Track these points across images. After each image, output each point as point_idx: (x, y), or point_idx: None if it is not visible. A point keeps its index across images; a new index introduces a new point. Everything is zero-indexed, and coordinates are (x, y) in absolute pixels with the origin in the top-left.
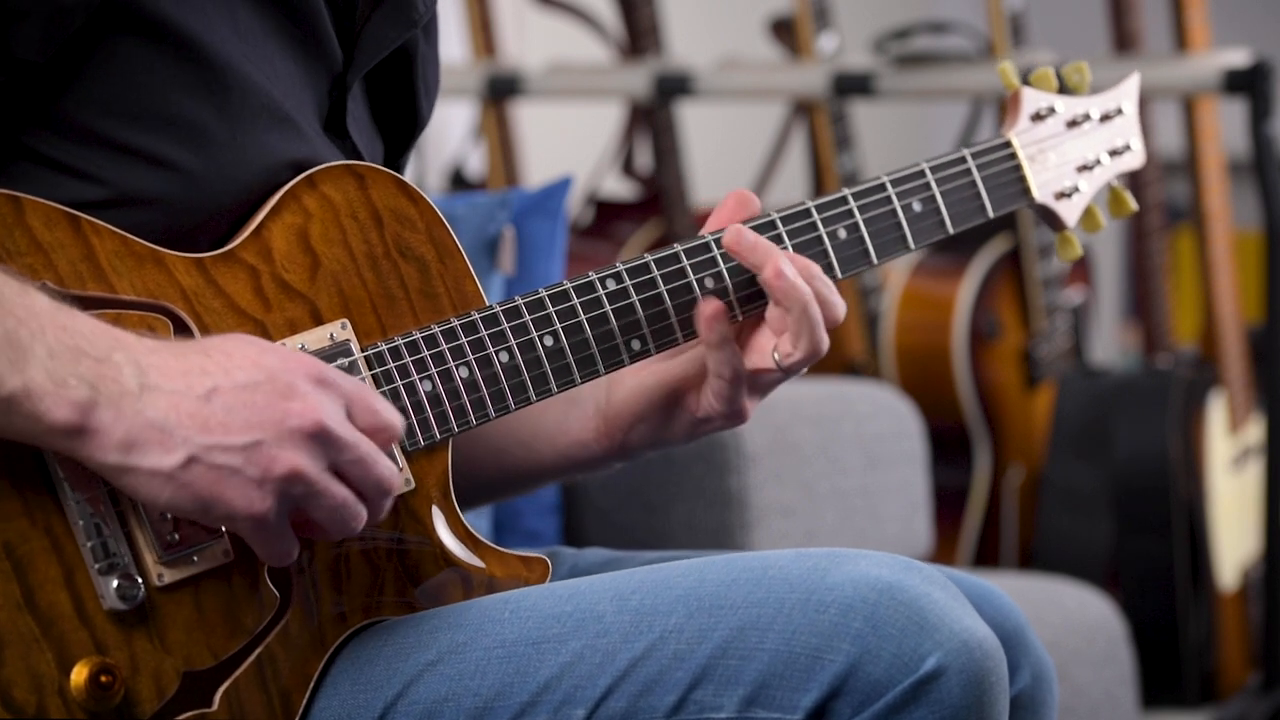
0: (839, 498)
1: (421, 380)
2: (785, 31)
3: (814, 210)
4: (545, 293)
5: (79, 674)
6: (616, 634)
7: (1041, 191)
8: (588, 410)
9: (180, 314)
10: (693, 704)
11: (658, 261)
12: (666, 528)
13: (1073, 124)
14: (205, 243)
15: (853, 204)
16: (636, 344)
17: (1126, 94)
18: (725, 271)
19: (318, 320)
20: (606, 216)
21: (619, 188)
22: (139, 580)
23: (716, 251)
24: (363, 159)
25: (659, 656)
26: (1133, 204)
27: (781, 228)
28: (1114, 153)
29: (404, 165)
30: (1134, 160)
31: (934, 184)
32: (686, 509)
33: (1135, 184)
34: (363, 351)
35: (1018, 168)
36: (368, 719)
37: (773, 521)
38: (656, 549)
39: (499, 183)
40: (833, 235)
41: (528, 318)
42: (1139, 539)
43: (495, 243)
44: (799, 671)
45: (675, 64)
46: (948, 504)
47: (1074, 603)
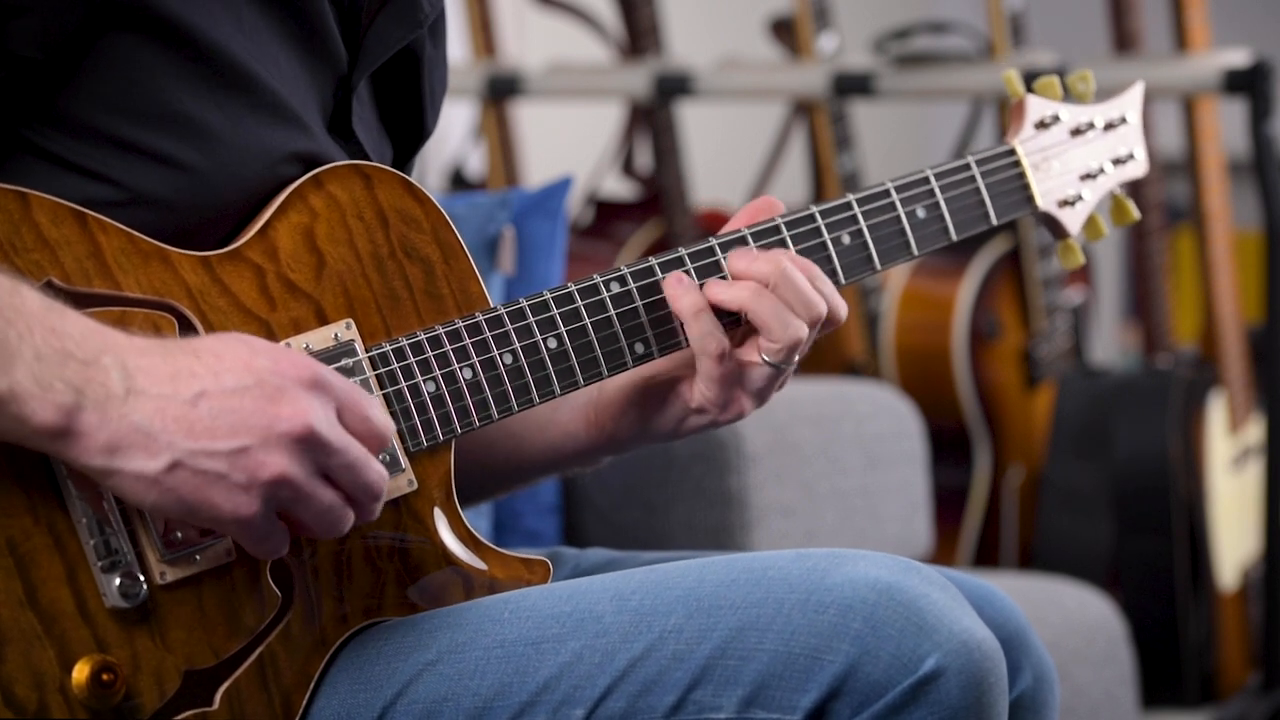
0: (839, 498)
1: (425, 381)
2: (785, 31)
3: (818, 215)
4: (549, 294)
5: (80, 672)
6: (616, 634)
7: (1045, 200)
8: (578, 400)
9: (185, 312)
10: (692, 704)
11: (662, 265)
12: (666, 528)
13: (1077, 132)
14: (211, 240)
15: (857, 210)
16: (640, 347)
17: (1131, 103)
18: (728, 275)
19: (322, 320)
20: (606, 216)
21: (619, 188)
22: (141, 578)
23: (720, 255)
24: (369, 159)
25: (658, 657)
26: (1135, 213)
27: (785, 232)
28: (1117, 161)
29: (410, 169)
30: (1137, 169)
31: (938, 191)
32: (686, 509)
33: (1135, 184)
34: (367, 352)
35: (1022, 175)
36: (367, 718)
37: (773, 521)
38: (656, 549)
39: (499, 183)
40: (836, 241)
41: (532, 319)
42: (1139, 539)
43: (495, 243)
44: (798, 672)
45: (675, 64)
46: (948, 504)
47: (1074, 603)
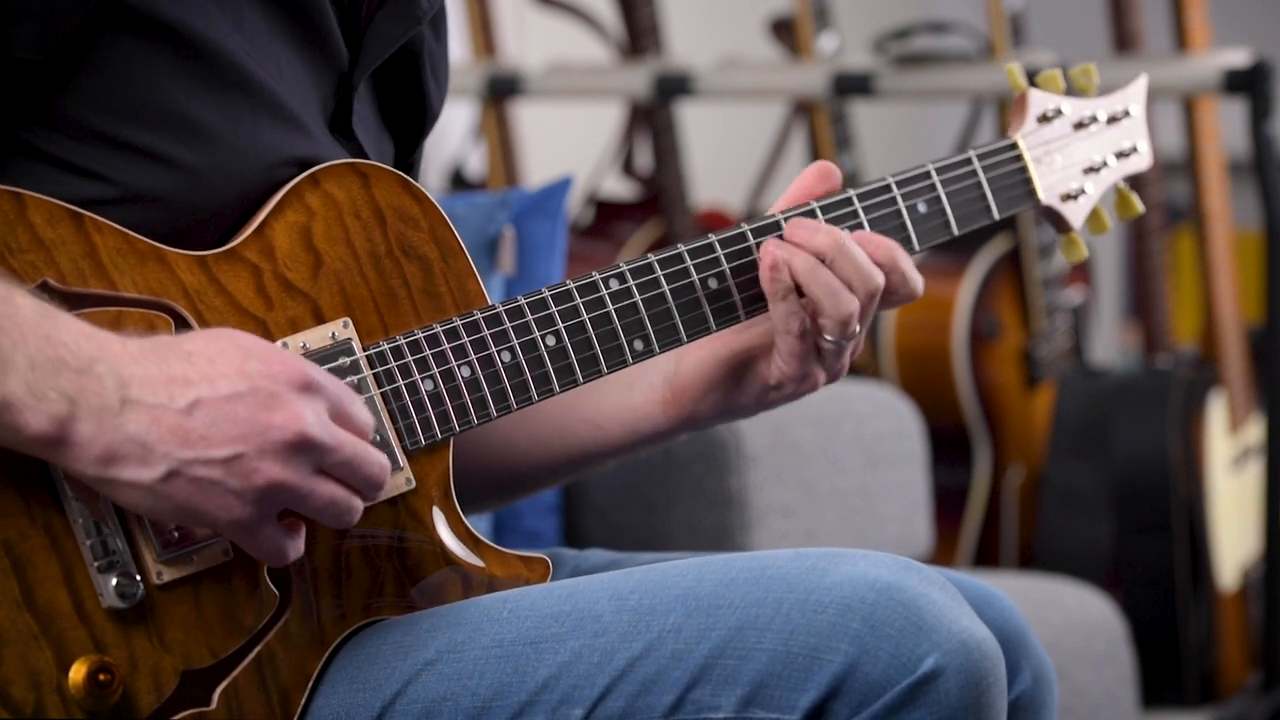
0: (839, 498)
1: (423, 379)
2: (785, 31)
3: (819, 211)
4: (548, 292)
5: (77, 672)
6: (614, 634)
7: (1047, 194)
8: (655, 382)
9: (182, 312)
10: (690, 704)
11: (661, 261)
12: (666, 528)
13: (1080, 126)
14: (208, 239)
15: (857, 205)
16: (639, 344)
17: (1134, 96)
18: (728, 271)
19: (319, 319)
20: (606, 216)
21: (619, 188)
22: (138, 578)
23: (720, 252)
24: (368, 159)
25: (657, 656)
26: (1139, 206)
27: (785, 229)
28: (1121, 155)
29: (418, 160)
30: (1141, 162)
31: (939, 185)
32: (686, 509)
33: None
34: (364, 350)
35: (1024, 169)
36: (366, 718)
37: (773, 521)
38: (656, 549)
39: (499, 183)
40: None
41: (530, 317)
42: (1139, 539)
43: (495, 243)
44: (797, 672)
45: (675, 64)
46: (948, 504)
47: (1074, 603)
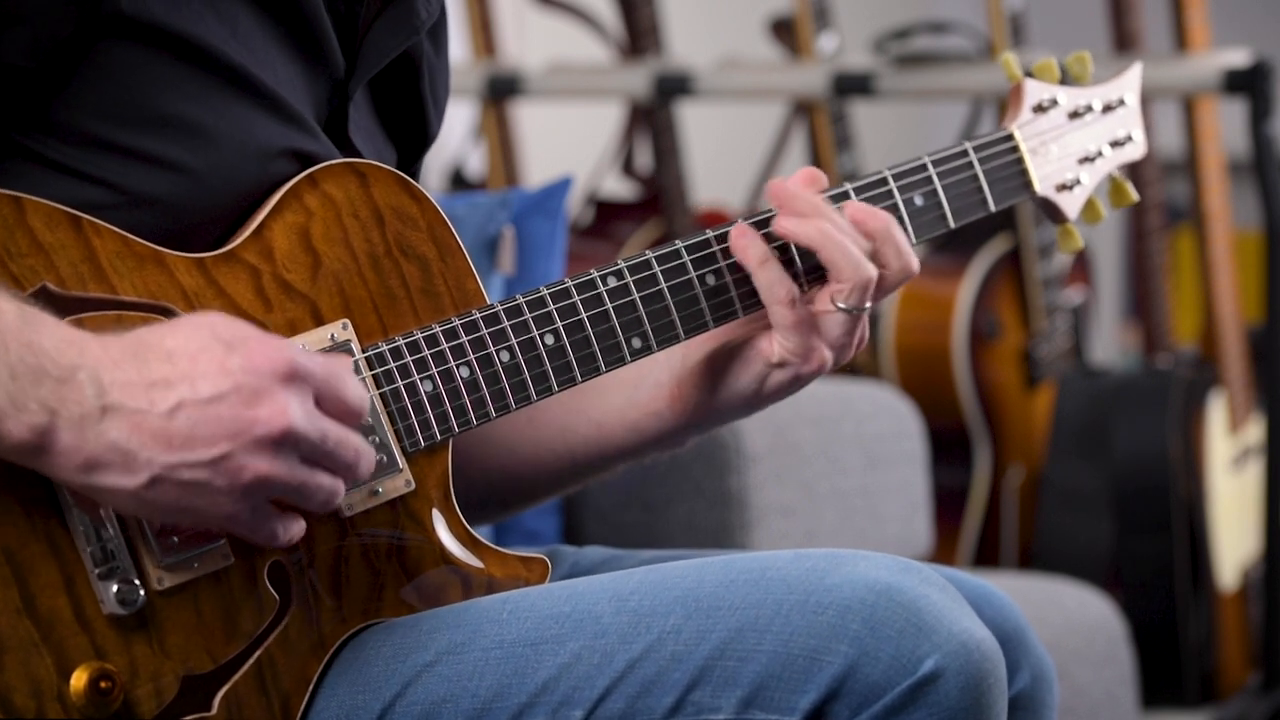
0: (839, 498)
1: (422, 380)
2: (785, 31)
3: None
4: (546, 290)
5: (78, 679)
6: (614, 635)
7: (1043, 184)
8: (661, 380)
9: (181, 315)
10: (691, 705)
11: (659, 258)
12: (666, 528)
13: (1075, 115)
14: (208, 239)
15: (855, 198)
16: (638, 341)
17: (1129, 85)
18: (726, 268)
19: (319, 320)
20: (606, 216)
21: (619, 188)
22: (138, 585)
23: (717, 248)
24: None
25: (657, 657)
26: (1134, 194)
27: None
28: (1115, 144)
29: (416, 173)
30: (1136, 151)
31: (935, 177)
32: (686, 509)
33: (1135, 184)
34: (363, 352)
35: (1019, 160)
36: None
37: (773, 521)
38: (656, 549)
39: (499, 183)
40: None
41: (528, 316)
42: (1139, 539)
43: (495, 243)
44: (797, 673)
45: (675, 64)
46: (948, 504)
47: (1074, 603)
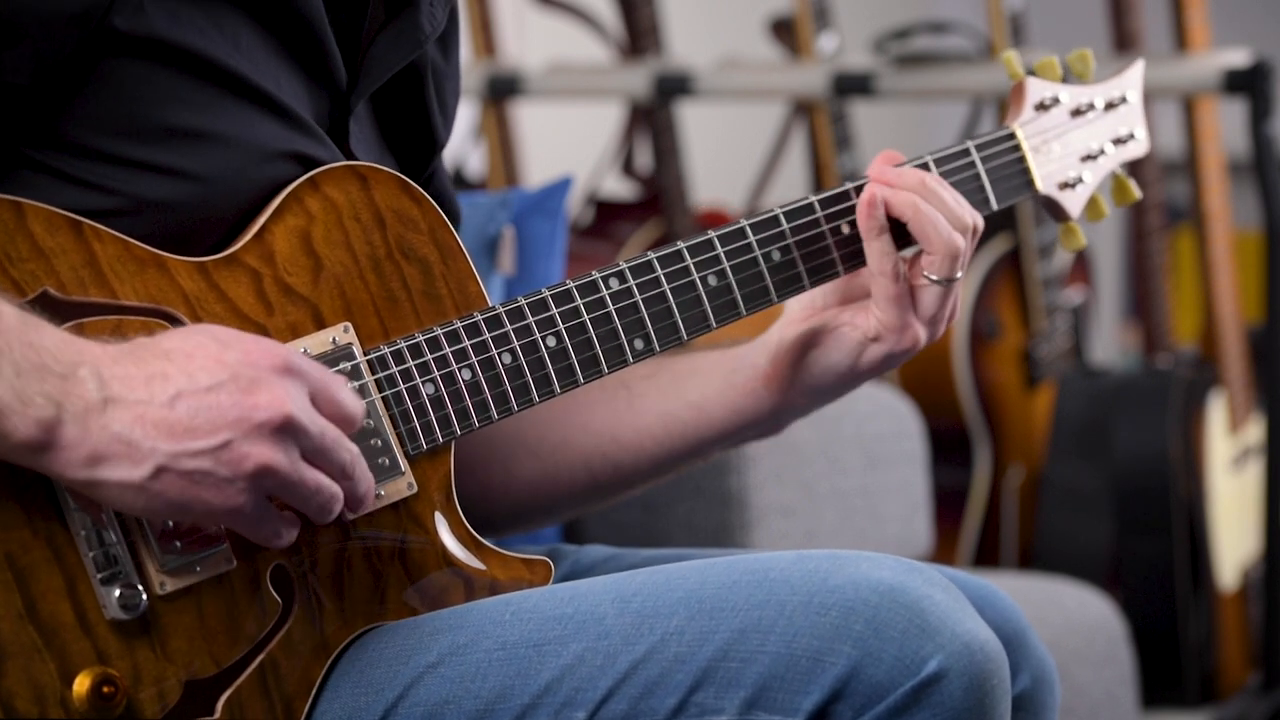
0: (839, 498)
1: (424, 383)
2: (785, 31)
3: (817, 205)
4: (548, 292)
5: (81, 684)
6: (618, 636)
7: (1045, 183)
8: (756, 362)
9: (182, 319)
10: (694, 706)
11: (661, 259)
12: (666, 528)
13: (1077, 113)
14: (210, 242)
15: (855, 199)
16: (640, 343)
17: (1131, 82)
18: (729, 269)
19: (320, 324)
20: (606, 216)
21: (619, 188)
22: (141, 589)
23: (720, 249)
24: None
25: (660, 659)
26: (1136, 192)
27: (786, 224)
28: (1118, 141)
29: (428, 179)
30: (1138, 149)
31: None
32: (686, 509)
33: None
34: (365, 355)
35: (1021, 159)
36: None
37: (773, 521)
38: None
39: (499, 183)
40: (835, 231)
41: (530, 319)
42: (1139, 539)
43: (495, 243)
44: (800, 674)
45: (675, 64)
46: (948, 504)
47: (1074, 603)
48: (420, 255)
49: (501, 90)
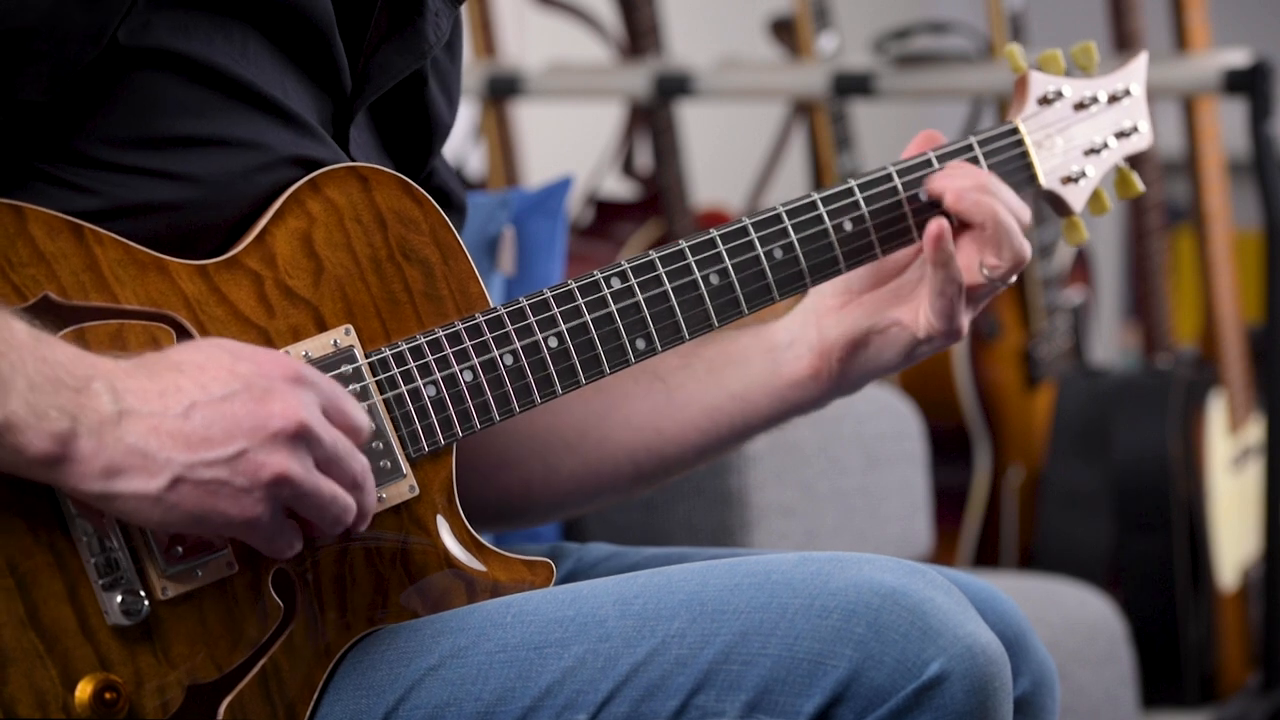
0: (839, 498)
1: (425, 385)
2: (785, 31)
3: (820, 202)
4: (550, 293)
5: (83, 690)
6: (619, 639)
7: (1048, 178)
8: (800, 353)
9: (184, 322)
10: (695, 709)
11: (662, 259)
12: (666, 527)
13: (1080, 106)
14: (212, 245)
15: (859, 195)
16: (641, 342)
17: (1134, 75)
18: (730, 268)
19: (321, 326)
20: (606, 216)
21: (619, 188)
22: (143, 595)
23: (722, 247)
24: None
25: (661, 661)
26: (1139, 185)
27: (787, 221)
28: (1121, 135)
29: (428, 176)
30: (1142, 142)
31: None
32: (686, 509)
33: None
34: (366, 357)
35: (1025, 154)
36: None
37: (773, 521)
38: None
39: (499, 183)
40: (838, 228)
41: (532, 319)
42: (1139, 539)
43: (495, 243)
44: (801, 677)
45: (675, 64)
46: (948, 504)
47: (1074, 603)
48: (422, 256)
49: (501, 90)
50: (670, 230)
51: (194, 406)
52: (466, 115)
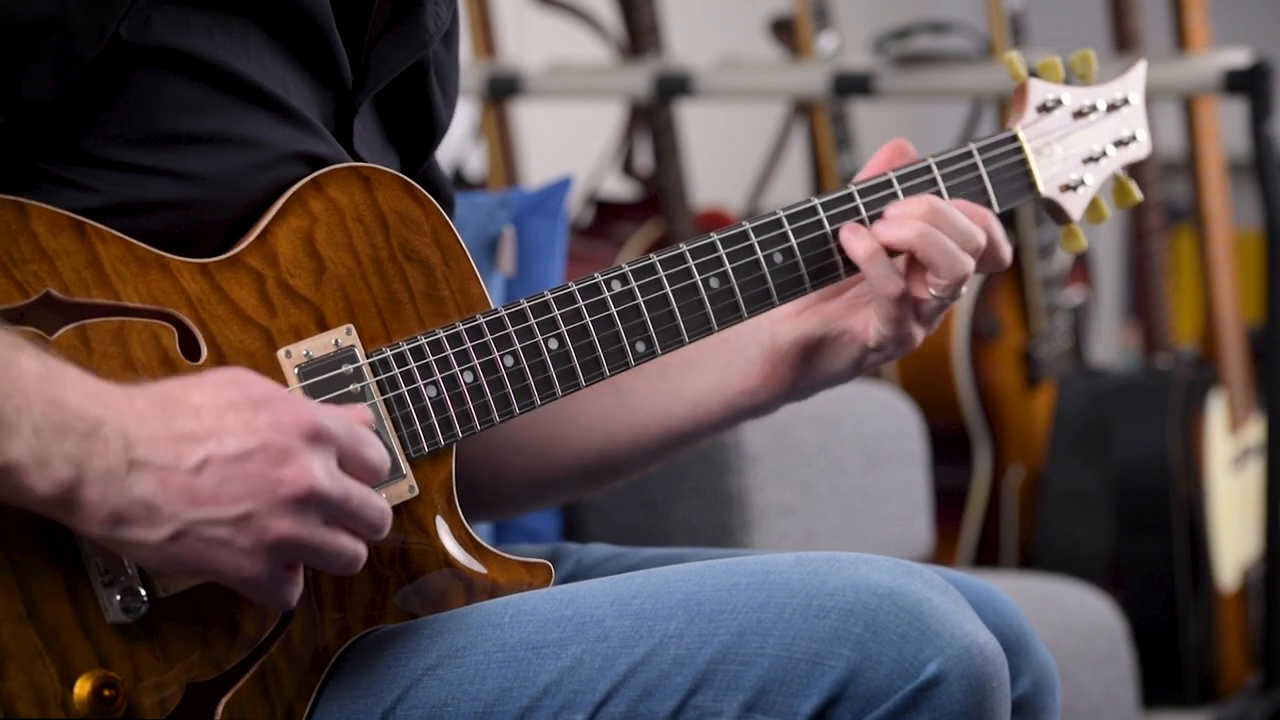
0: (839, 498)
1: (426, 386)
2: (785, 31)
3: (820, 207)
4: (550, 295)
5: (82, 687)
6: (616, 639)
7: (1047, 186)
8: (751, 357)
9: (185, 320)
10: (692, 709)
11: (663, 261)
12: (666, 528)
13: (1079, 115)
14: (214, 243)
15: (859, 200)
16: (642, 345)
17: (1133, 83)
18: (730, 272)
19: (322, 326)
20: (606, 216)
21: (619, 188)
22: (142, 592)
23: (722, 251)
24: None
25: (659, 662)
26: (1137, 194)
27: (787, 225)
28: (1120, 143)
29: (429, 170)
30: (1140, 150)
31: (940, 180)
32: (686, 509)
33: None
34: (367, 357)
35: (1024, 162)
36: None
37: (773, 521)
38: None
39: (499, 183)
40: (837, 234)
41: (533, 320)
42: (1139, 539)
43: (495, 243)
44: (799, 677)
45: (675, 64)
46: (948, 504)
47: (1074, 603)
48: (423, 257)
49: (501, 90)
50: (670, 231)
51: (207, 463)
52: (466, 115)
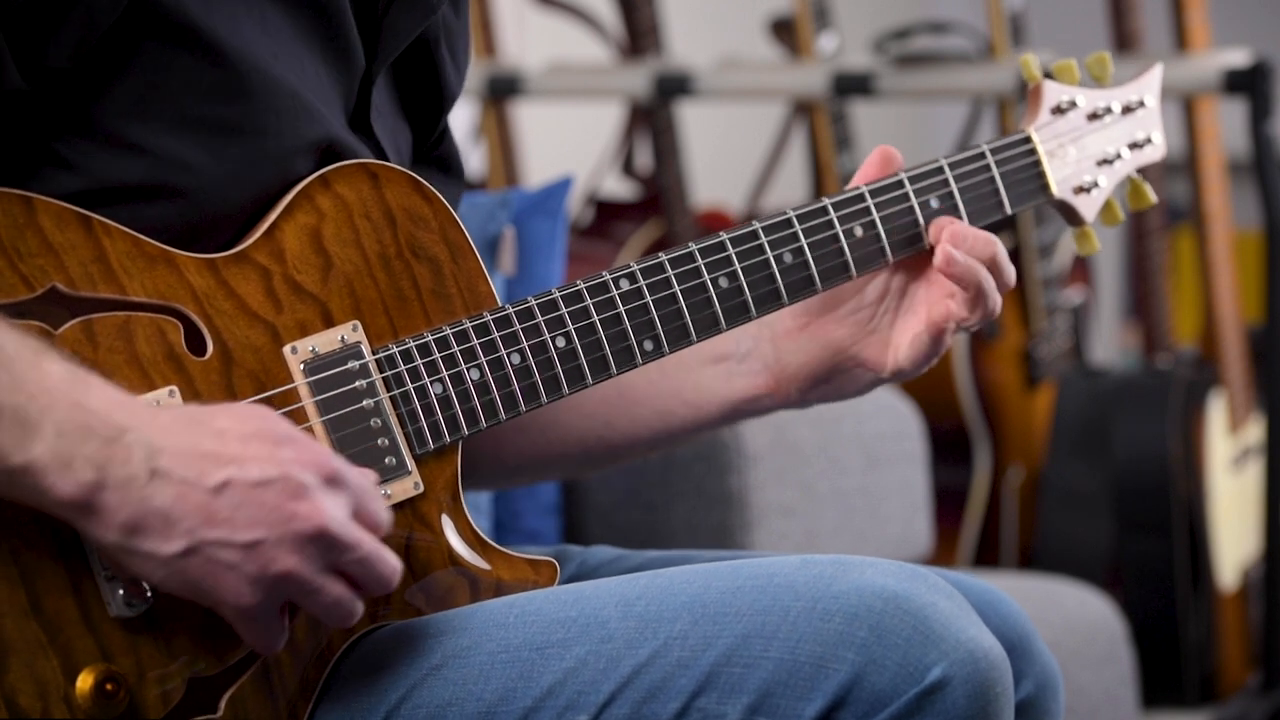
0: (839, 498)
1: (433, 383)
2: (785, 31)
3: (830, 208)
4: (558, 293)
5: (84, 681)
6: (621, 640)
7: (1061, 188)
8: (754, 367)
9: (191, 316)
10: (696, 711)
11: (672, 260)
12: (666, 528)
13: (1094, 117)
14: (222, 238)
15: (870, 201)
16: (649, 344)
17: (1149, 86)
18: (740, 271)
19: (329, 322)
20: (606, 216)
21: (619, 188)
22: (145, 586)
23: (731, 250)
24: (385, 155)
25: (663, 663)
26: (1152, 196)
27: (798, 225)
28: (1134, 146)
29: (444, 135)
30: (1155, 153)
31: (952, 181)
32: (686, 509)
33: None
34: (374, 354)
35: (1037, 164)
36: None
37: (773, 521)
38: (658, 548)
39: (499, 183)
40: (849, 234)
41: (540, 319)
42: (1139, 539)
43: (495, 243)
44: (803, 680)
45: (675, 64)
46: (948, 504)
47: (1074, 603)
48: (430, 254)
49: (501, 90)
50: (670, 230)
51: (228, 485)
52: (466, 115)
